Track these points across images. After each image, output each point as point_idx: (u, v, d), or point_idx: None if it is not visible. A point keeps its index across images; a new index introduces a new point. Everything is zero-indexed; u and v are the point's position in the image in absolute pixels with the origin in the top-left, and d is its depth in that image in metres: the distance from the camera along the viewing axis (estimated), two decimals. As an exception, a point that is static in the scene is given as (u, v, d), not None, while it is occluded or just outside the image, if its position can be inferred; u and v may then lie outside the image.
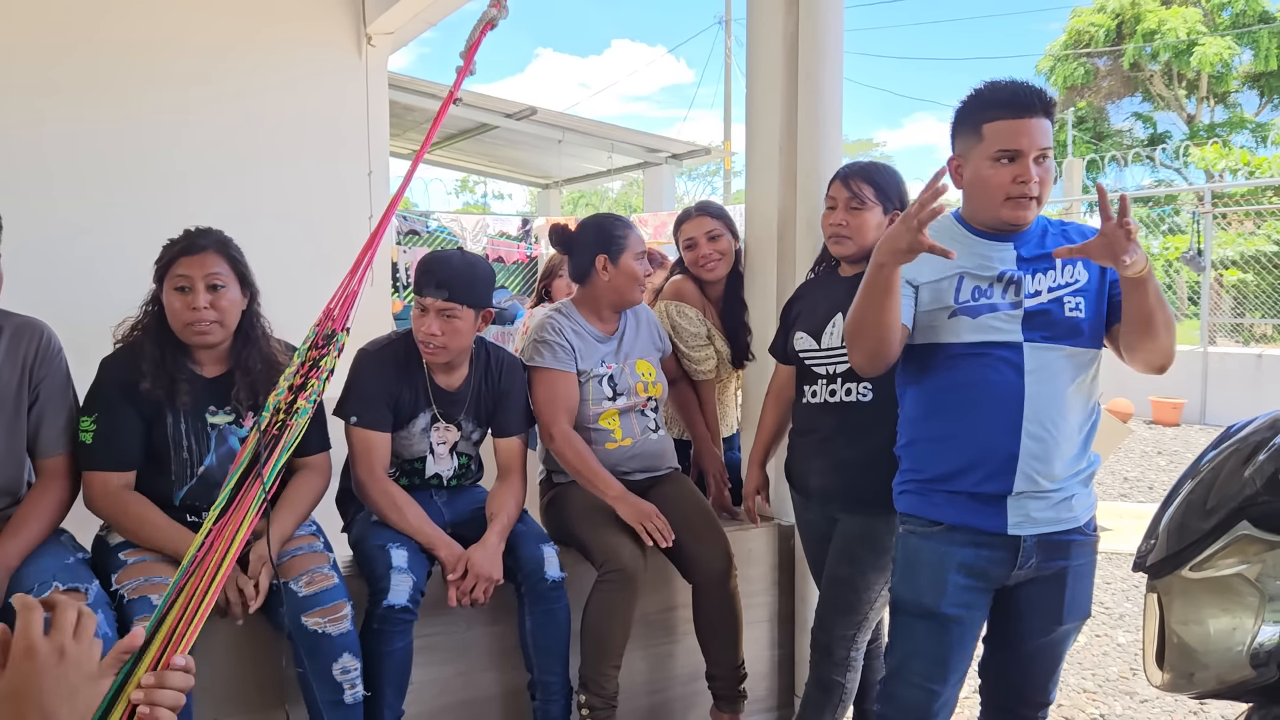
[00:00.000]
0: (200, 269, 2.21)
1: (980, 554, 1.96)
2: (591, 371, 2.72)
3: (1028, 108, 1.87)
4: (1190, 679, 1.17)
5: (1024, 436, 1.88)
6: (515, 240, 9.76)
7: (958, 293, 1.95)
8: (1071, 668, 3.69)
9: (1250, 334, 12.69)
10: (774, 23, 2.93)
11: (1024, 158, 1.87)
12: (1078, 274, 1.94)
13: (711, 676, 2.67)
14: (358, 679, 2.14)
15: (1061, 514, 1.94)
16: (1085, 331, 1.94)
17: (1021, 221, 1.92)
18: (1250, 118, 22.49)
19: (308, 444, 2.36)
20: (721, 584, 2.62)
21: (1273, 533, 1.12)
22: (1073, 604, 2.01)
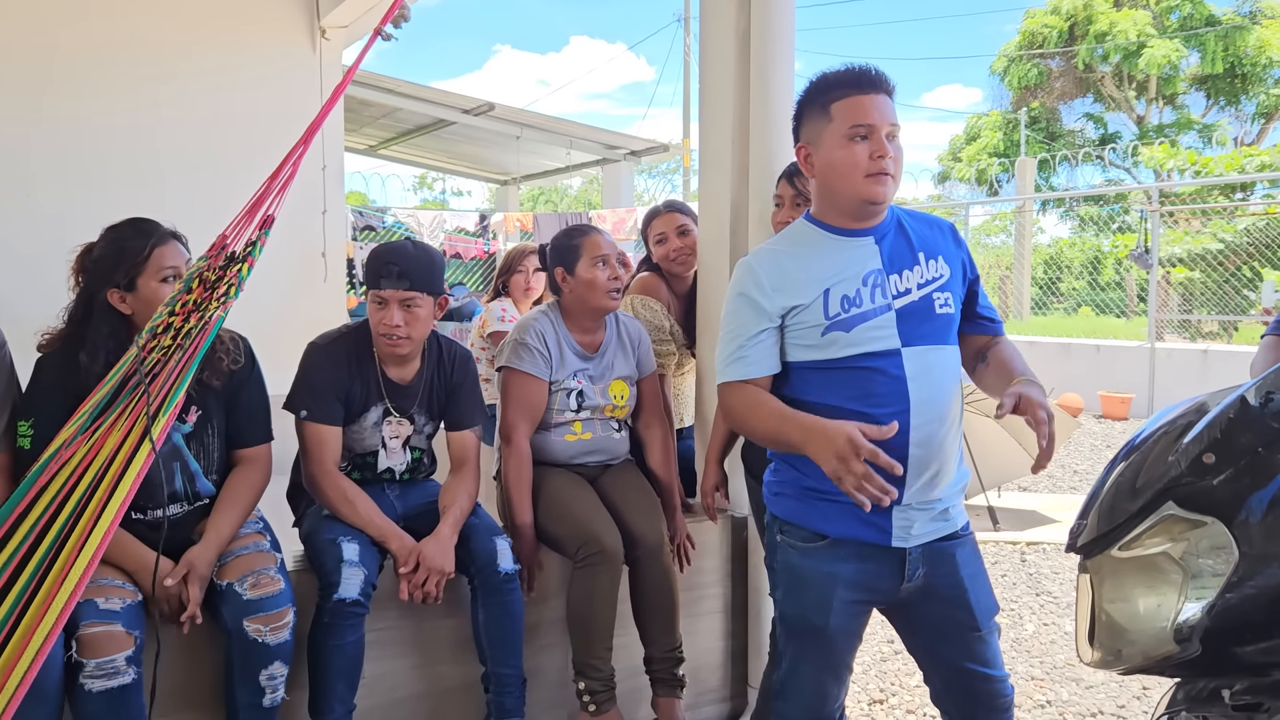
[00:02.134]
0: (179, 258, 2.21)
1: (866, 568, 1.90)
2: (563, 383, 2.72)
3: (873, 84, 1.85)
4: (1119, 655, 1.21)
5: (911, 446, 1.82)
6: (473, 236, 9.73)
7: (826, 308, 1.86)
8: (1020, 655, 3.76)
9: (1197, 330, 12.99)
10: (726, 19, 2.95)
11: (877, 132, 1.82)
12: (940, 268, 1.92)
13: (649, 660, 2.66)
14: (282, 684, 2.13)
15: (940, 523, 1.91)
16: (953, 328, 1.94)
17: (881, 199, 1.85)
18: (1197, 119, 22.98)
19: (251, 433, 2.36)
20: (656, 558, 2.62)
21: (1196, 512, 1.15)
22: (980, 604, 1.95)
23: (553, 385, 2.71)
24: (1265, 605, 1.09)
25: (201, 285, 1.96)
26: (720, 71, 2.99)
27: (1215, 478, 1.16)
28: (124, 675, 1.93)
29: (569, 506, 2.59)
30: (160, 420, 1.81)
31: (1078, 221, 19.28)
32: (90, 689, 1.90)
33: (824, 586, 1.90)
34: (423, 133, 10.74)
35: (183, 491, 2.25)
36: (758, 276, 1.91)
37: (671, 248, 3.16)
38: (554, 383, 2.71)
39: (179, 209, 2.68)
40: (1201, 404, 1.25)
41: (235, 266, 1.97)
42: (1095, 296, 15.72)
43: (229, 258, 1.98)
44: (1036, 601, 4.44)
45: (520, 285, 4.42)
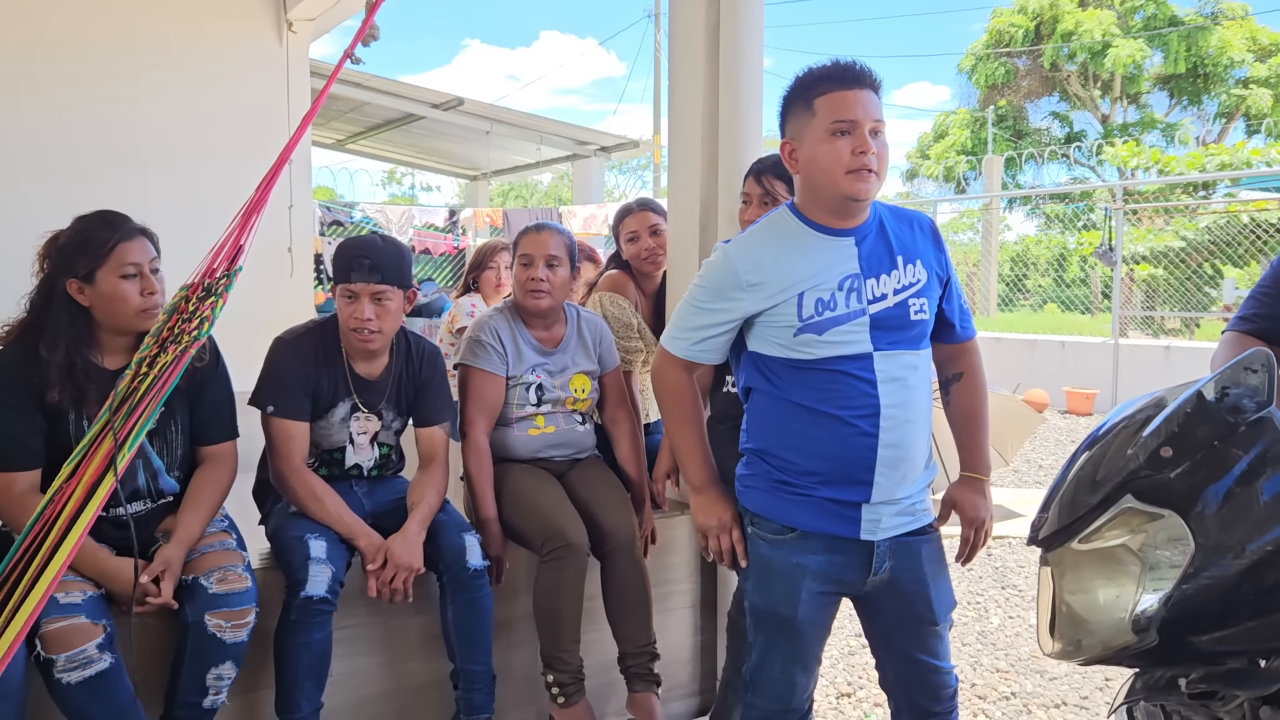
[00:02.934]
0: (144, 254, 2.17)
1: (834, 560, 1.93)
2: (521, 377, 2.72)
3: (857, 80, 1.84)
4: (1079, 646, 1.22)
5: (880, 448, 1.85)
6: (442, 231, 9.69)
7: (800, 310, 1.86)
8: (985, 648, 3.81)
9: (1160, 327, 13.18)
10: (695, 15, 2.95)
11: (859, 128, 1.81)
12: (918, 273, 1.91)
13: (624, 656, 2.67)
14: (226, 687, 2.11)
15: (907, 518, 1.94)
16: (927, 333, 1.95)
17: (863, 195, 1.83)
18: (1160, 118, 23.31)
19: (216, 431, 2.33)
20: (628, 553, 2.63)
21: (1154, 505, 1.18)
22: (939, 600, 1.99)
23: (510, 380, 2.71)
24: (1220, 596, 1.11)
25: (179, 316, 1.94)
26: (689, 68, 3.00)
27: (1173, 471, 1.18)
28: (99, 662, 1.92)
29: (534, 501, 2.59)
30: (125, 452, 1.80)
31: (1044, 219, 19.49)
32: (68, 681, 1.89)
33: (792, 578, 1.92)
34: (391, 127, 10.67)
35: (146, 489, 2.23)
36: (735, 271, 1.91)
37: (643, 247, 3.16)
38: (511, 378, 2.71)
39: (142, 201, 2.66)
40: (1160, 399, 1.27)
41: (210, 300, 1.95)
42: (1061, 293, 15.90)
43: (206, 290, 1.96)
44: (1002, 595, 4.49)
45: (491, 281, 4.41)
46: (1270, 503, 1.11)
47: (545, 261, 2.68)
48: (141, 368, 1.89)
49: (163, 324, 1.96)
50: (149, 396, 1.84)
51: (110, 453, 1.80)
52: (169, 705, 2.14)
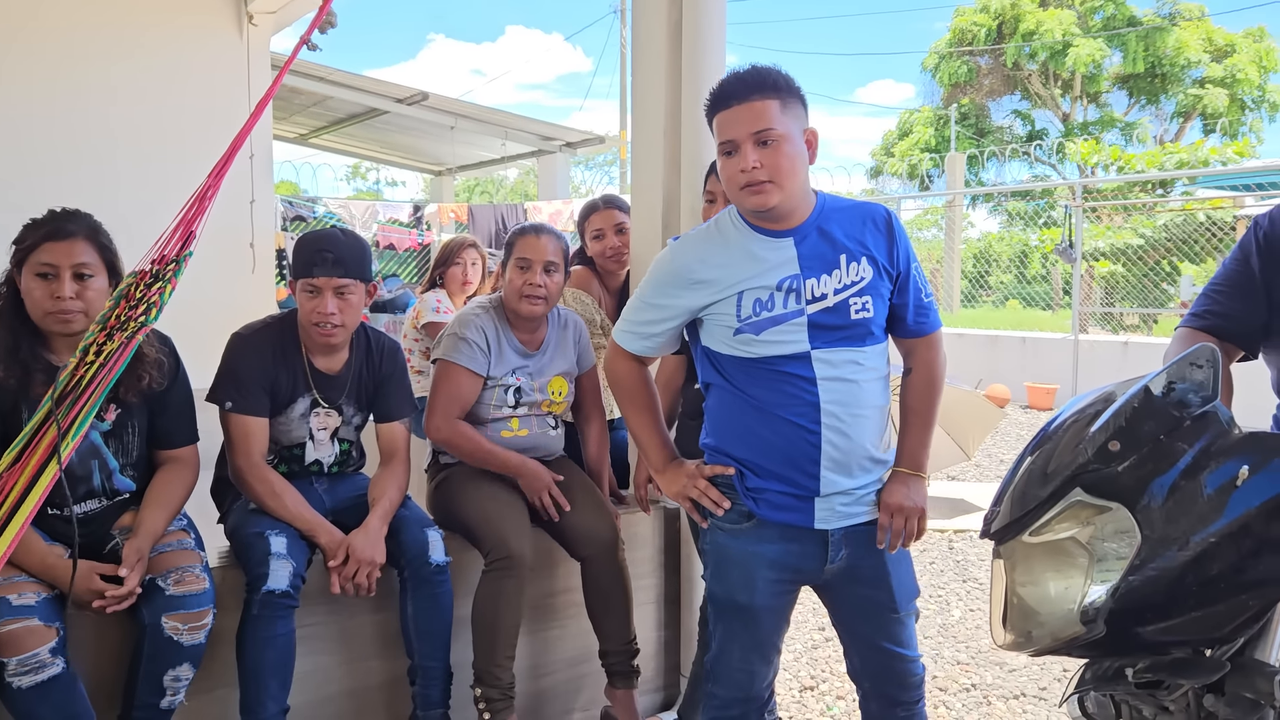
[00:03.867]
0: (68, 256, 2.10)
1: (790, 549, 1.95)
2: (500, 379, 2.70)
3: (732, 95, 1.84)
4: (1029, 637, 1.24)
5: (824, 444, 1.88)
6: (406, 227, 9.63)
7: (739, 310, 1.89)
8: (946, 640, 3.85)
9: (1119, 323, 13.37)
10: (658, 12, 2.96)
11: (739, 146, 1.82)
12: (861, 271, 1.90)
13: (605, 653, 2.69)
14: (184, 688, 2.09)
15: (862, 507, 1.96)
16: (874, 331, 1.94)
17: (761, 206, 1.85)
18: (1120, 117, 23.64)
19: (176, 435, 2.31)
20: (610, 555, 2.65)
21: (1102, 498, 1.20)
22: (901, 588, 2.01)
23: (489, 381, 2.69)
24: (1164, 587, 1.13)
25: (127, 302, 1.91)
26: (652, 65, 3.00)
27: (1120, 464, 1.20)
28: (51, 667, 1.90)
29: (484, 505, 2.58)
30: (70, 441, 1.77)
31: (1006, 216, 19.72)
32: (19, 686, 1.87)
33: (749, 566, 1.95)
34: (355, 122, 10.58)
35: (100, 488, 2.20)
36: (679, 268, 1.96)
37: (608, 244, 3.17)
38: (490, 379, 2.69)
39: (102, 195, 2.62)
40: (1109, 394, 1.30)
41: (158, 285, 1.92)
42: (1023, 289, 16.10)
43: (154, 275, 1.93)
44: (964, 588, 4.55)
45: (457, 278, 4.38)
46: (1213, 495, 1.14)
47: (543, 267, 2.64)
48: (87, 356, 1.86)
49: (110, 311, 1.93)
50: (93, 385, 1.81)
51: (54, 442, 1.78)
52: (126, 706, 2.12)
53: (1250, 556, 1.12)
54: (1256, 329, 1.77)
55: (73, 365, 1.87)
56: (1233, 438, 1.19)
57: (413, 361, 4.10)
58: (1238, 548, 1.12)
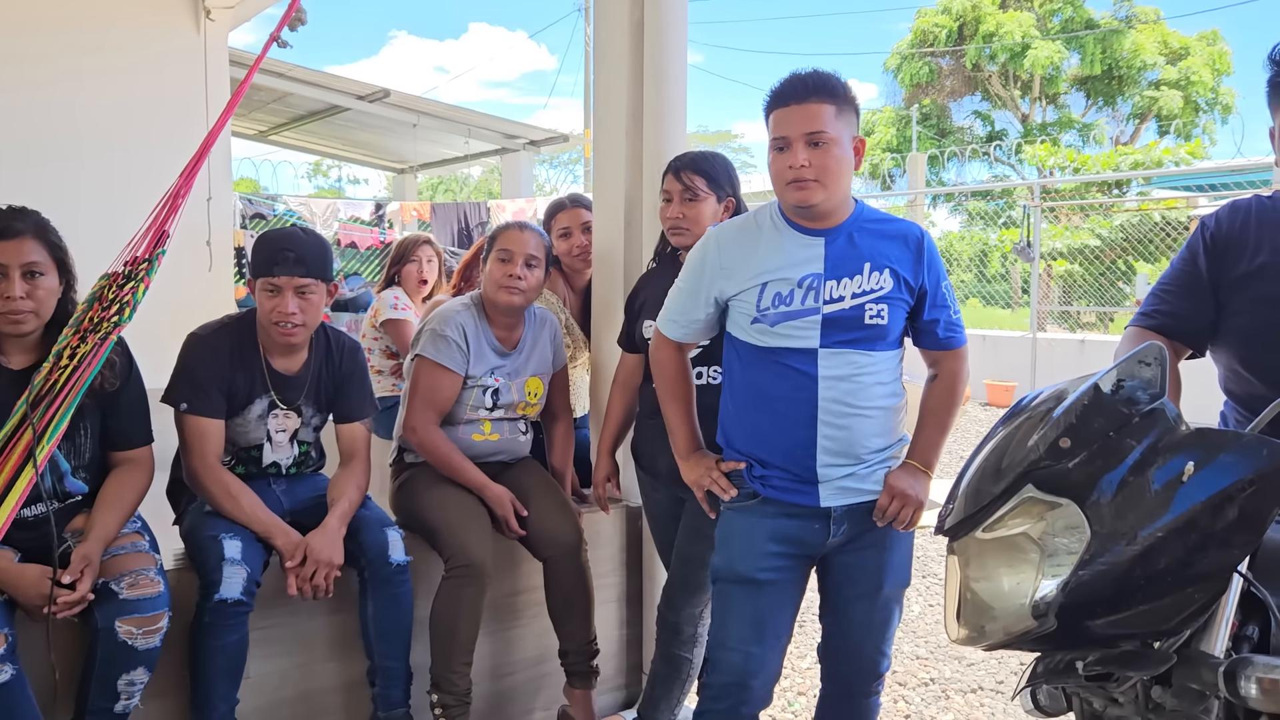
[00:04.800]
0: (16, 255, 2.05)
1: (792, 524, 2.04)
2: (479, 380, 2.69)
3: (791, 95, 1.94)
4: (983, 632, 1.26)
5: (820, 439, 1.97)
6: (368, 225, 9.54)
7: (759, 300, 1.99)
8: (906, 636, 3.89)
9: (1076, 321, 13.57)
10: (620, 11, 2.96)
11: (791, 144, 1.92)
12: (882, 281, 1.99)
13: (564, 653, 2.69)
14: (139, 691, 2.07)
15: (869, 484, 2.03)
16: (887, 337, 2.02)
17: (802, 203, 1.94)
18: (1078, 118, 23.99)
19: (130, 436, 2.27)
20: (573, 557, 2.65)
21: (1053, 494, 1.22)
22: (891, 569, 2.10)
23: (468, 380, 2.68)
24: (1113, 581, 1.15)
25: (100, 304, 1.88)
26: (614, 63, 3.00)
27: (1071, 461, 1.22)
28: (1, 674, 1.86)
29: (447, 510, 2.57)
30: (45, 444, 1.75)
31: (966, 216, 19.94)
32: None
33: (752, 536, 2.05)
34: (316, 119, 10.46)
35: (51, 489, 2.16)
36: (711, 255, 2.08)
37: (575, 244, 3.15)
38: (470, 378, 2.68)
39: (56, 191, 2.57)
40: (1060, 391, 1.32)
41: (130, 285, 1.89)
42: (983, 288, 16.27)
43: (126, 276, 1.91)
44: (923, 584, 4.59)
45: (413, 275, 4.33)
46: (1161, 490, 1.16)
47: (525, 260, 2.66)
48: (61, 359, 1.83)
49: (83, 313, 1.90)
50: (68, 387, 1.79)
51: (29, 445, 1.75)
52: (80, 710, 2.08)
53: (1196, 550, 1.14)
54: (1204, 328, 1.81)
55: (47, 368, 1.84)
56: (1179, 434, 1.22)
57: (373, 361, 4.06)
58: (1184, 542, 1.14)
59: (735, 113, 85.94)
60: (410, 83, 66.76)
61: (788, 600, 2.09)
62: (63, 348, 1.85)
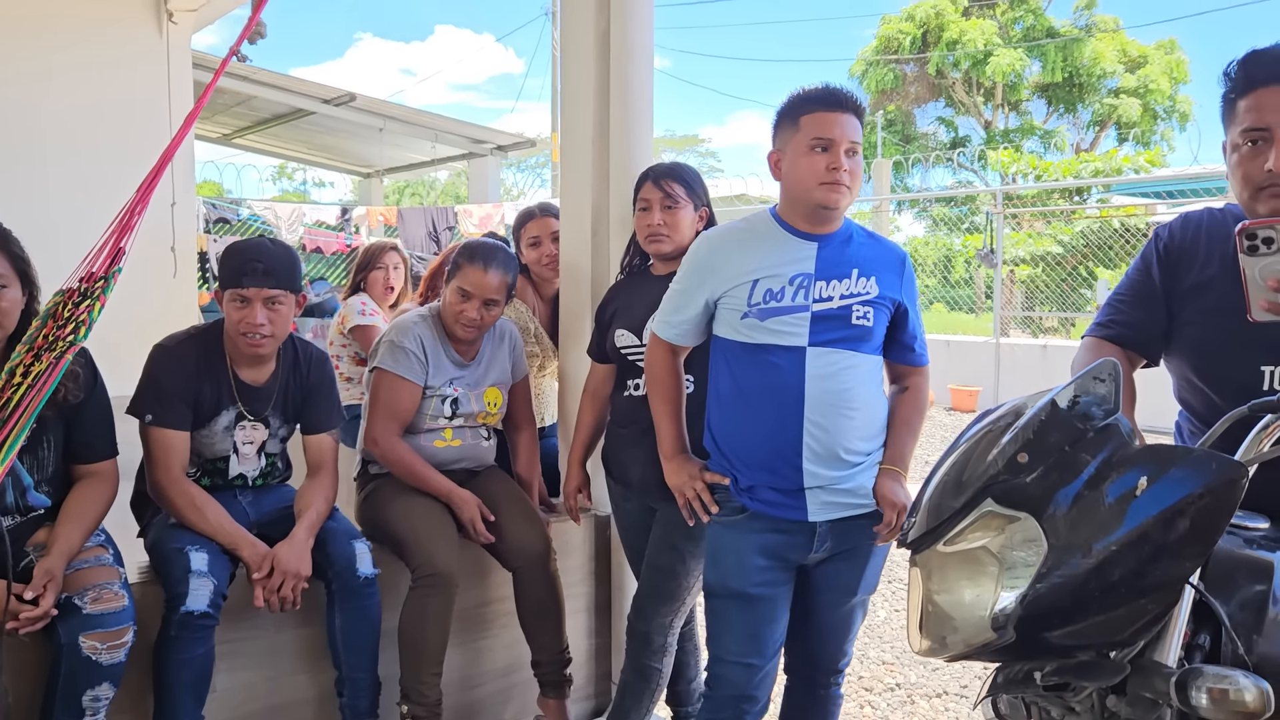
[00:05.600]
0: None
1: (778, 539, 2.09)
2: (438, 390, 2.70)
3: (840, 103, 2.05)
4: (944, 643, 1.29)
5: (805, 437, 2.03)
6: (334, 230, 9.48)
7: (750, 295, 2.06)
8: (872, 641, 3.93)
9: (1039, 325, 13.75)
10: (586, 20, 2.97)
11: (836, 146, 2.02)
12: (869, 287, 2.08)
13: (537, 663, 2.70)
14: (104, 707, 2.04)
15: (854, 498, 2.08)
16: (871, 340, 2.10)
17: (834, 205, 2.04)
18: (1039, 124, 24.32)
19: (94, 450, 2.25)
20: (542, 566, 2.65)
21: (1011, 508, 1.25)
22: (866, 579, 2.20)
23: (427, 390, 2.68)
24: (1069, 593, 1.18)
25: (54, 322, 1.86)
26: (580, 74, 3.01)
27: (1028, 475, 1.25)
28: None
29: (413, 521, 2.57)
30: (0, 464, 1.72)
31: (931, 221, 20.14)
32: None
33: (741, 552, 2.11)
34: (280, 122, 10.38)
35: (13, 504, 2.14)
36: (703, 257, 2.16)
37: (545, 253, 3.17)
38: (429, 388, 2.68)
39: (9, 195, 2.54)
40: (1018, 406, 1.35)
41: (86, 303, 1.87)
42: (947, 293, 16.45)
43: (82, 294, 1.88)
44: (889, 589, 4.64)
45: (379, 282, 4.31)
46: (1114, 504, 1.19)
47: (484, 302, 2.66)
48: (14, 377, 1.81)
49: (37, 331, 1.88)
50: (22, 406, 1.76)
51: None
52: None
53: (1149, 562, 1.17)
54: (1158, 337, 1.85)
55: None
56: (1133, 449, 1.25)
57: (341, 368, 4.05)
58: (1137, 554, 1.17)
59: (702, 117, 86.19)
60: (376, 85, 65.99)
61: (780, 611, 2.16)
62: (15, 365, 1.83)
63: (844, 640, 2.26)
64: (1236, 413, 1.36)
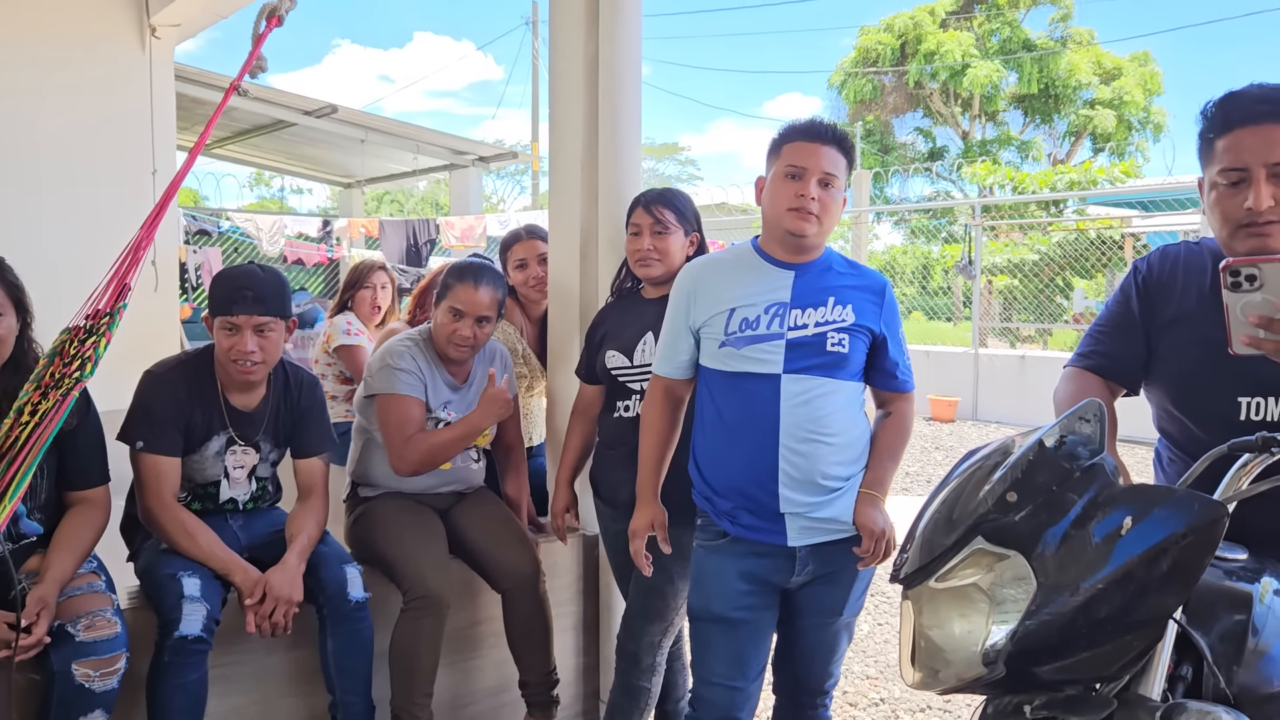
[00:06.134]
0: None
1: (760, 563, 2.13)
2: (433, 413, 2.71)
3: (820, 135, 2.10)
4: (936, 676, 1.32)
5: (781, 462, 2.06)
6: (315, 242, 9.46)
7: (727, 325, 2.11)
8: (856, 656, 3.97)
9: (1016, 335, 13.89)
10: (575, 45, 3.00)
11: (809, 175, 2.06)
12: (844, 314, 2.11)
13: (525, 684, 2.72)
14: None
15: (834, 524, 2.11)
16: (847, 366, 2.12)
17: (800, 232, 2.08)
18: (1016, 135, 24.57)
19: (86, 476, 2.26)
20: (531, 588, 2.67)
21: (1001, 546, 1.28)
22: (852, 600, 2.23)
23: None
24: (1058, 630, 1.22)
25: (61, 359, 1.87)
26: (569, 96, 3.04)
27: (1017, 514, 1.29)
28: None
29: (403, 542, 2.58)
30: (6, 504, 1.73)
31: (909, 230, 20.30)
32: None
33: (724, 577, 2.15)
34: (261, 133, 10.35)
35: (5, 531, 2.13)
36: (684, 286, 2.22)
37: (532, 275, 3.19)
38: (427, 409, 2.70)
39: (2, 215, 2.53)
40: (1007, 445, 1.39)
41: (92, 340, 1.88)
42: (926, 302, 16.58)
43: (88, 331, 1.90)
44: (871, 603, 4.68)
45: (367, 300, 4.32)
46: (1100, 544, 1.23)
47: (476, 319, 2.67)
48: (23, 416, 1.82)
49: (44, 369, 1.89)
50: (30, 444, 1.78)
51: None
52: None
53: (1134, 600, 1.21)
54: (1137, 368, 1.89)
55: (7, 425, 1.82)
56: (1117, 489, 1.29)
57: (326, 386, 4.05)
58: (1123, 592, 1.21)
59: (682, 126, 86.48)
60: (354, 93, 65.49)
61: (764, 635, 2.20)
62: (23, 404, 1.83)
63: (829, 662, 2.28)
64: (1216, 452, 1.41)
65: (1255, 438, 1.35)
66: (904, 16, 23.74)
